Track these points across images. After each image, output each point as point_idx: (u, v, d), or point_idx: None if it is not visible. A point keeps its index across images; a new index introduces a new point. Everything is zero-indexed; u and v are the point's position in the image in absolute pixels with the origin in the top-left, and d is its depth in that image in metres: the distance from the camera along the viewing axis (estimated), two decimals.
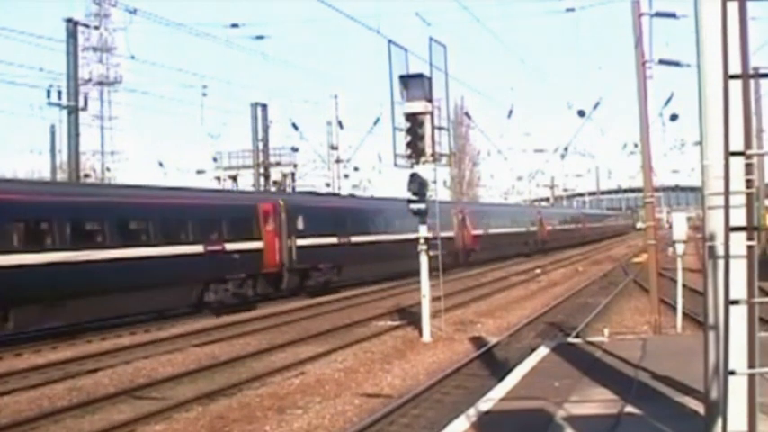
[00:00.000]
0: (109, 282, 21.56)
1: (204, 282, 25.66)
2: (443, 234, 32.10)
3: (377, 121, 50.51)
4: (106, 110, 63.86)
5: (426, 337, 19.22)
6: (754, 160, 5.20)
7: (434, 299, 20.09)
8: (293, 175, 54.81)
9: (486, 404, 10.03)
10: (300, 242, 29.85)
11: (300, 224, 30.23)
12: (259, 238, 28.14)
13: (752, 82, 5.12)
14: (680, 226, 18.00)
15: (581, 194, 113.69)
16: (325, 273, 31.87)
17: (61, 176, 42.08)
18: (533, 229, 61.46)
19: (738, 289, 5.12)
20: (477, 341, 18.70)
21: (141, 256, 23.00)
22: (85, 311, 21.69)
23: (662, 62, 20.29)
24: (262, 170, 49.17)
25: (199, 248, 25.34)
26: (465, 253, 46.04)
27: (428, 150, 18.92)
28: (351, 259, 33.28)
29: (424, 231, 19.59)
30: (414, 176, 19.03)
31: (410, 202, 19.24)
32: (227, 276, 26.33)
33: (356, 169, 62.64)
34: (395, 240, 33.93)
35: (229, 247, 26.49)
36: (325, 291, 31.18)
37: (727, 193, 5.06)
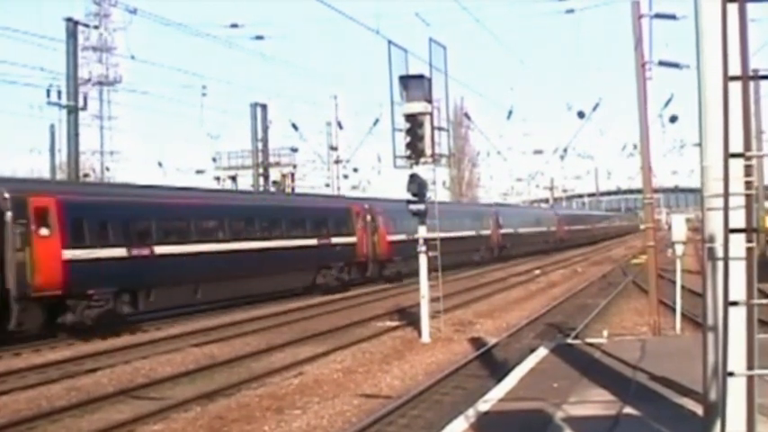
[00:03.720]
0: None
1: (475, 249, 49.41)
2: (552, 228, 69.31)
3: (376, 121, 50.62)
4: (106, 110, 63.73)
5: (425, 337, 19.21)
6: (754, 162, 5.21)
7: (433, 299, 20.09)
8: (293, 175, 54.84)
9: (484, 405, 10.03)
10: (502, 231, 55.24)
11: (501, 221, 55.45)
12: (489, 229, 53.13)
13: (751, 83, 5.13)
14: (679, 227, 18.02)
15: (580, 195, 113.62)
16: (510, 249, 56.34)
17: (60, 176, 42.04)
18: (590, 226, 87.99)
19: (738, 290, 5.13)
20: (477, 342, 18.70)
21: (456, 236, 41.09)
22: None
23: (662, 63, 20.28)
24: (261, 170, 49.17)
25: (473, 233, 49.10)
26: (560, 241, 70.60)
27: (428, 151, 18.92)
28: (516, 242, 58.30)
29: (423, 232, 19.60)
30: (413, 177, 19.03)
31: (409, 202, 19.29)
32: (480, 248, 50.81)
33: (356, 170, 62.70)
34: (534, 233, 63.39)
35: (483, 233, 51.59)
36: (508, 258, 54.54)
37: (726, 194, 5.06)
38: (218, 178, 53.60)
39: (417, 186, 19.05)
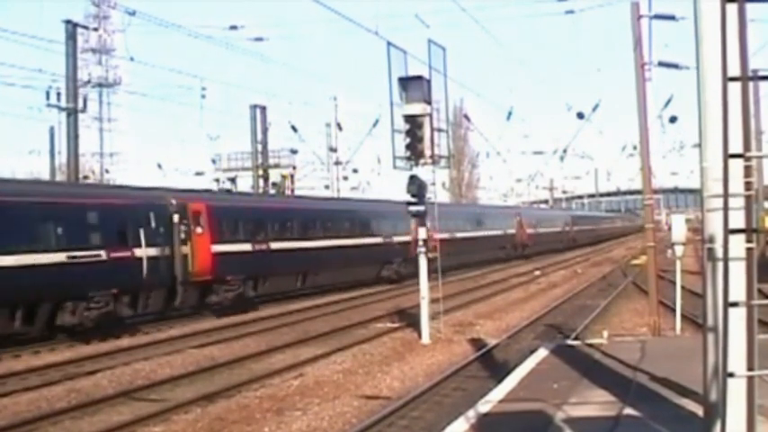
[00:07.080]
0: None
1: (560, 240, 67.71)
2: (595, 227, 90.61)
3: (376, 122, 50.62)
4: (105, 111, 63.68)
5: (425, 338, 19.21)
6: (753, 162, 5.21)
7: (433, 301, 20.08)
8: (292, 177, 54.82)
9: (485, 406, 10.03)
10: (575, 228, 74.55)
11: (574, 221, 75.02)
12: (568, 227, 71.39)
13: (751, 84, 5.13)
14: (679, 228, 18.02)
15: (580, 197, 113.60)
16: (578, 241, 74.33)
17: (60, 178, 42.03)
18: (610, 225, 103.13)
19: (737, 291, 5.12)
20: (476, 343, 18.69)
21: (553, 231, 67.67)
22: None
23: (661, 64, 20.30)
24: (261, 172, 49.15)
25: (560, 229, 68.17)
26: (597, 236, 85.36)
27: (427, 152, 18.92)
28: (581, 236, 76.62)
29: (423, 233, 19.59)
30: (413, 178, 19.03)
31: (409, 204, 19.31)
32: (563, 239, 69.01)
33: (355, 171, 62.70)
34: (589, 229, 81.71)
35: (565, 229, 70.86)
36: (576, 247, 71.84)
37: (726, 195, 5.06)
38: (217, 180, 53.61)
39: (417, 187, 19.05)
